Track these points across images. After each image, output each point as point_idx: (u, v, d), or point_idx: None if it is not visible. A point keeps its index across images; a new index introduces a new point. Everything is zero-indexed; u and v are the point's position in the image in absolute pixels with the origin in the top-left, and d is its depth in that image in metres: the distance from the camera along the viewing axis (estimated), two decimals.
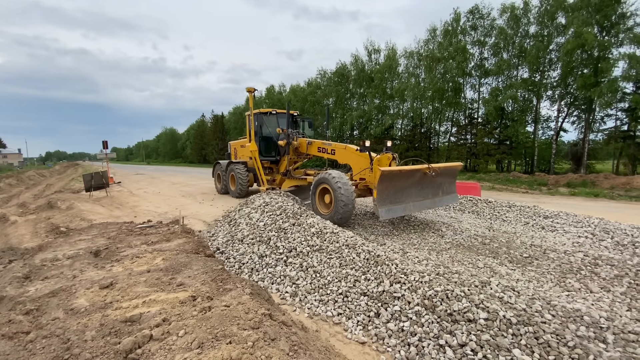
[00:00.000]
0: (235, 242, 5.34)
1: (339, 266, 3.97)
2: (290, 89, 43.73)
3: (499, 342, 2.55)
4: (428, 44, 27.97)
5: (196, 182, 19.55)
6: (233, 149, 13.08)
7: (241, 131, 52.72)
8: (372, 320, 3.13)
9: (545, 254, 4.87)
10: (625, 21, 19.22)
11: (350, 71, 33.88)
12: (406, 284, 3.34)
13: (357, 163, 7.10)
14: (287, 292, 3.86)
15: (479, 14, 24.97)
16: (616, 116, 20.85)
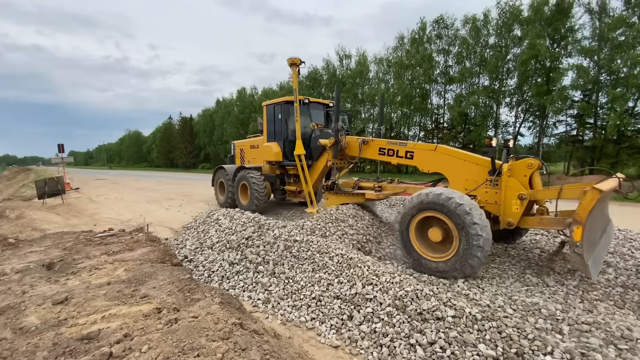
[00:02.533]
0: (205, 249, 5.15)
1: (311, 271, 3.95)
2: (262, 91, 43.31)
3: (466, 338, 2.64)
4: (397, 51, 28.93)
5: (163, 187, 18.74)
6: (239, 150, 10.27)
7: (211, 134, 51.39)
8: (345, 323, 3.13)
9: (506, 251, 5.14)
10: (573, 34, 21.00)
11: (322, 75, 34.20)
12: (378, 285, 3.38)
13: (459, 172, 4.90)
14: (259, 300, 3.77)
15: (444, 24, 26.22)
16: (566, 122, 22.66)
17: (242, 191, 8.70)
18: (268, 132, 8.58)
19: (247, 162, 9.60)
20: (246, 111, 44.04)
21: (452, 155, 5.04)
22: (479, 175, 4.66)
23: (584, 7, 20.42)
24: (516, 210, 4.20)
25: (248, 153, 9.73)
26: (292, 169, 8.04)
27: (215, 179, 10.17)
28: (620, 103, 18.02)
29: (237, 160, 10.28)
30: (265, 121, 8.65)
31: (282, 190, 8.67)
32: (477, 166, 4.71)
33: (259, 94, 44.52)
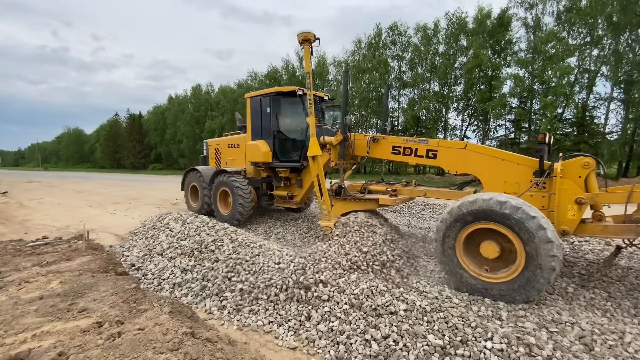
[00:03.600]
0: (154, 256, 4.85)
1: (265, 272, 3.89)
2: (219, 89, 41.88)
3: (416, 330, 2.78)
4: (354, 55, 29.69)
5: (108, 189, 17.31)
6: (214, 150, 8.85)
7: (163, 132, 48.54)
8: (303, 324, 3.13)
9: None
10: (511, 46, 23.16)
11: (282, 75, 34.01)
12: (334, 285, 3.43)
13: (496, 174, 4.34)
14: (214, 306, 3.64)
15: (398, 31, 27.44)
16: (505, 126, 24.94)
17: (221, 198, 7.50)
18: (253, 129, 7.33)
19: (224, 164, 8.45)
20: (201, 109, 42.29)
21: (486, 154, 4.44)
22: (522, 177, 4.11)
23: (521, 21, 22.64)
24: (572, 216, 3.68)
25: (225, 153, 8.47)
26: (284, 171, 6.98)
27: (186, 183, 8.74)
28: (550, 110, 20.23)
29: (212, 161, 8.93)
30: (249, 116, 7.41)
31: (269, 195, 7.49)
32: (519, 166, 4.16)
33: (216, 92, 43.01)
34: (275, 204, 7.60)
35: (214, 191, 7.57)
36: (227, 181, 7.18)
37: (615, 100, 21.07)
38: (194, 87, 45.82)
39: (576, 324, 2.95)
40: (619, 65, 19.38)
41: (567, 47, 20.55)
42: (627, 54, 19.33)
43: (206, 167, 8.51)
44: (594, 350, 2.58)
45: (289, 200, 7.22)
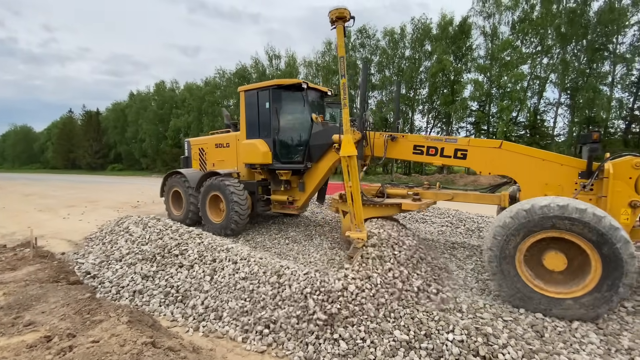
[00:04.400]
0: (112, 262, 4.56)
1: (232, 276, 3.80)
2: (185, 86, 40.26)
3: (383, 327, 2.84)
4: (324, 55, 29.84)
5: (60, 192, 16.05)
6: (197, 149, 7.98)
7: (123, 131, 45.80)
8: (270, 327, 3.09)
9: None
10: (471, 53, 24.45)
11: (251, 74, 33.43)
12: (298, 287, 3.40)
13: (536, 175, 4.05)
14: (179, 313, 3.49)
15: (367, 34, 27.96)
16: (466, 128, 26.28)
17: (212, 205, 6.64)
18: (249, 127, 6.56)
19: (210, 166, 7.63)
20: (166, 107, 40.46)
21: (525, 154, 4.13)
22: (565, 179, 3.88)
23: (480, 30, 23.96)
24: (626, 220, 3.47)
25: (212, 154, 7.62)
26: (285, 173, 6.31)
27: (166, 188, 7.72)
28: (506, 113, 21.62)
29: (195, 163, 8.07)
30: (243, 112, 6.65)
31: (265, 200, 6.76)
32: (563, 167, 3.90)
33: (181, 89, 41.36)
34: (273, 210, 6.87)
35: (202, 197, 6.66)
36: (219, 185, 6.35)
37: (562, 105, 22.96)
38: (158, 83, 43.67)
39: (530, 313, 3.17)
40: (565, 72, 21.13)
41: (521, 55, 22.08)
42: (573, 63, 21.12)
43: (191, 170, 7.68)
44: (545, 337, 2.78)
45: (289, 205, 6.53)
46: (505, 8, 22.85)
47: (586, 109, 20.67)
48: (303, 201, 6.47)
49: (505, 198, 4.39)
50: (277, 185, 6.60)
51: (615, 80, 20.65)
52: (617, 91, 20.92)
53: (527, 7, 22.24)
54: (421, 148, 4.81)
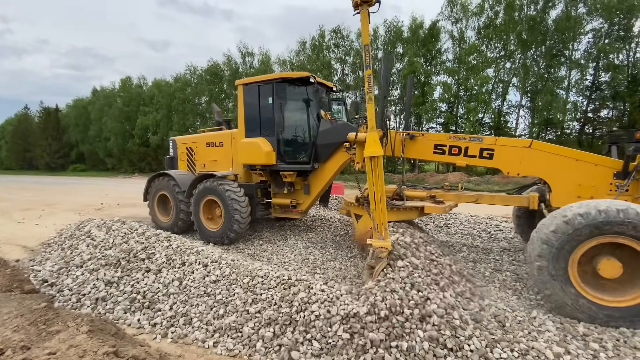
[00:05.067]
0: (72, 269, 4.29)
1: (203, 279, 3.71)
2: (153, 82, 38.61)
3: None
4: (299, 55, 29.77)
5: (15, 194, 14.89)
6: (185, 149, 7.34)
7: (86, 129, 43.20)
8: (241, 330, 3.04)
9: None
10: (441, 56, 25.34)
11: (224, 71, 32.69)
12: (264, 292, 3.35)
13: (569, 176, 3.92)
14: (145, 320, 3.35)
15: (341, 35, 28.20)
16: (436, 129, 27.20)
17: (206, 211, 6.09)
18: (248, 124, 6.06)
19: (199, 167, 7.05)
20: (132, 104, 38.64)
21: (557, 154, 3.98)
22: (599, 179, 3.77)
23: (448, 34, 24.89)
24: None
25: (203, 154, 6.99)
26: (290, 175, 5.86)
27: (151, 192, 7.02)
28: (473, 114, 22.64)
29: (181, 163, 7.44)
30: (241, 108, 6.14)
31: (265, 204, 6.26)
32: (597, 167, 3.78)
33: (149, 85, 39.65)
34: (273, 215, 6.43)
35: (195, 202, 6.06)
36: (215, 189, 5.76)
37: (523, 107, 24.38)
38: (124, 79, 41.56)
39: (493, 305, 3.33)
40: (526, 77, 22.44)
41: (486, 59, 23.20)
42: (532, 67, 22.48)
43: (180, 172, 7.03)
44: (506, 326, 2.94)
45: (292, 209, 6.10)
46: (471, 14, 23.89)
47: (545, 111, 22.05)
48: (308, 204, 6.07)
49: (534, 200, 4.16)
50: (279, 188, 6.13)
51: (571, 84, 22.23)
52: (572, 95, 22.54)
53: (492, 13, 23.38)
54: (443, 147, 4.55)
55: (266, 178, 6.28)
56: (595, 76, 21.54)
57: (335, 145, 5.46)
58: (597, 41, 20.58)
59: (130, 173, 35.79)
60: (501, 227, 6.67)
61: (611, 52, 20.10)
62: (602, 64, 20.88)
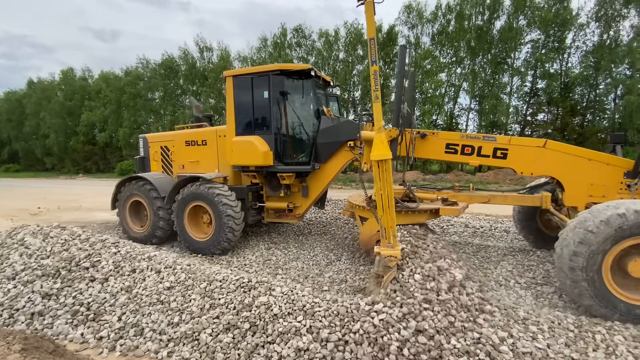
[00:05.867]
0: (3, 281, 3.82)
1: (155, 287, 3.51)
2: (100, 75, 35.59)
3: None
4: (260, 52, 29.26)
5: None
6: (159, 148, 6.70)
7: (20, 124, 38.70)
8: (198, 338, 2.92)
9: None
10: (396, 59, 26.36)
11: (180, 65, 31.12)
12: (222, 296, 3.26)
13: (581, 175, 3.98)
14: (90, 333, 3.09)
15: (303, 34, 28.19)
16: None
17: (192, 218, 5.52)
18: (240, 121, 5.54)
19: (177, 168, 6.42)
20: (76, 98, 35.40)
21: (571, 154, 4.03)
22: (610, 178, 3.86)
23: (405, 38, 25.95)
24: None
25: (181, 153, 6.36)
26: (289, 177, 5.38)
27: (121, 199, 6.22)
28: (427, 116, 23.86)
29: (155, 164, 6.75)
30: (231, 102, 5.54)
31: (257, 209, 5.81)
32: (609, 167, 3.87)
33: (95, 78, 36.58)
34: (266, 220, 6.00)
35: (179, 208, 5.47)
36: (204, 194, 5.19)
37: (472, 110, 26.17)
38: (65, 70, 37.80)
39: None
40: (474, 82, 24.13)
41: (439, 64, 24.55)
42: (480, 73, 24.22)
43: (156, 175, 6.29)
44: None
45: (288, 213, 5.70)
46: (426, 20, 25.12)
47: (491, 114, 23.86)
48: (305, 208, 5.72)
49: (547, 199, 4.22)
50: (274, 191, 5.66)
51: (513, 90, 24.31)
52: (514, 99, 24.65)
53: (444, 21, 24.78)
54: (455, 147, 4.44)
55: (259, 180, 5.76)
56: (533, 83, 23.77)
57: (337, 144, 5.18)
58: (535, 51, 22.69)
59: (74, 173, 32.79)
60: (452, 222, 7.09)
61: (547, 61, 22.27)
62: (539, 72, 23.08)
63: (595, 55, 21.00)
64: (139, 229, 6.15)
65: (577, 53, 22.53)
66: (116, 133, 32.38)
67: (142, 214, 6.21)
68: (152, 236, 5.91)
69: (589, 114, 22.71)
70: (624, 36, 20.92)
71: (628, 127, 20.00)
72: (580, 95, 22.95)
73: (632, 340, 2.76)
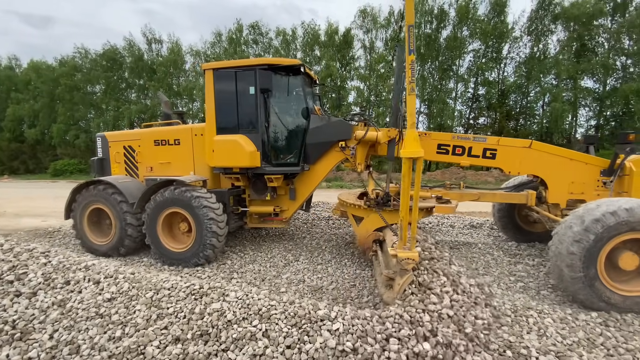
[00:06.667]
0: None
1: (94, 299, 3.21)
2: (30, 64, 31.73)
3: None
4: (214, 47, 28.22)
5: None
6: (122, 148, 6.02)
7: None
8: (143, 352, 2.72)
9: None
10: (354, 62, 27.04)
11: (125, 57, 28.84)
12: (171, 305, 3.10)
13: (563, 174, 4.23)
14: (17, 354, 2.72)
15: (259, 31, 27.72)
16: None
17: (166, 227, 5.03)
18: (222, 118, 5.11)
19: (145, 170, 5.83)
20: (1, 89, 31.22)
21: (555, 154, 4.27)
22: (589, 177, 4.15)
23: (360, 42, 26.72)
24: None
25: (149, 154, 5.78)
26: (277, 179, 5.11)
27: (77, 206, 5.48)
28: (381, 118, 24.81)
29: (117, 166, 6.05)
30: (211, 98, 5.11)
31: (240, 214, 5.48)
32: (587, 166, 4.16)
33: (24, 67, 32.55)
34: (248, 225, 5.65)
35: (151, 216, 4.93)
36: (183, 199, 4.74)
37: (422, 113, 27.75)
38: None
39: None
40: (424, 87, 25.61)
41: (392, 68, 25.63)
42: (429, 79, 25.75)
43: (121, 178, 5.61)
44: None
45: (274, 217, 5.43)
46: (380, 26, 26.11)
47: (438, 117, 25.51)
48: (293, 211, 5.49)
49: (532, 197, 4.53)
50: (259, 194, 5.34)
51: (457, 95, 26.21)
52: (459, 104, 26.61)
53: (397, 27, 25.94)
54: (446, 147, 4.52)
55: (243, 183, 5.42)
56: (475, 89, 25.86)
57: (328, 144, 5.03)
58: (477, 60, 24.72)
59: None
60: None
61: (486, 70, 24.40)
62: (480, 80, 25.16)
63: (527, 65, 23.47)
64: (101, 240, 5.47)
65: (512, 63, 25.01)
66: (49, 129, 29.16)
67: (103, 224, 5.58)
68: (119, 246, 5.31)
69: (521, 119, 25.31)
70: (551, 49, 23.67)
71: (553, 130, 22.65)
72: (515, 102, 25.48)
73: (560, 322, 3.08)
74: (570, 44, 22.60)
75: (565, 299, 3.70)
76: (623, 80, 21.79)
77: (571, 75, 21.83)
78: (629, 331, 2.99)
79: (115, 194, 5.21)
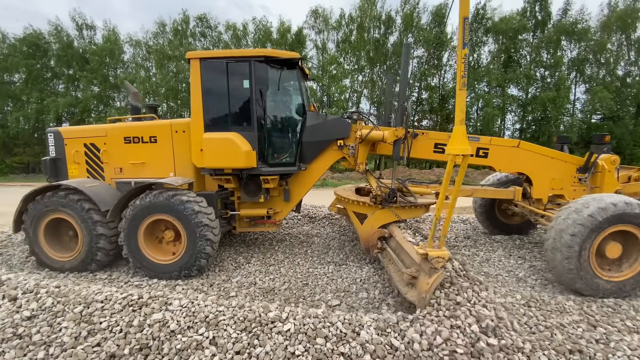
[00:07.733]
0: None
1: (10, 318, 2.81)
2: None
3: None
4: (157, 37, 26.32)
5: None
6: (82, 146, 5.15)
7: None
8: None
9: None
10: (306, 62, 27.14)
11: (51, 43, 25.57)
12: (104, 319, 2.88)
13: (546, 171, 4.62)
14: None
15: (208, 24, 26.45)
16: None
17: (148, 237, 4.43)
18: (211, 114, 4.67)
19: (113, 172, 5.11)
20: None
21: (538, 153, 4.65)
22: (567, 173, 4.62)
23: (313, 42, 26.89)
24: None
25: (119, 153, 5.06)
26: (273, 180, 4.79)
27: (29, 217, 4.58)
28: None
29: (75, 168, 5.18)
30: (198, 92, 4.60)
31: (227, 218, 5.10)
32: (566, 164, 4.63)
33: None
34: (238, 230, 5.25)
35: (131, 226, 4.31)
36: (170, 204, 4.21)
37: (372, 115, 28.82)
38: None
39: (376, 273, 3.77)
40: (373, 89, 26.62)
41: (344, 70, 26.26)
42: (377, 82, 26.82)
43: (88, 182, 4.78)
44: None
45: (266, 220, 5.11)
46: (332, 27, 26.53)
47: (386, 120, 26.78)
48: (286, 213, 5.23)
49: (519, 192, 4.91)
50: (252, 196, 4.97)
51: None
52: None
53: (347, 30, 26.63)
54: (443, 147, 4.58)
55: (233, 185, 4.98)
56: (419, 94, 27.55)
57: (325, 143, 4.87)
58: (420, 66, 26.33)
59: None
60: None
61: (429, 75, 26.09)
62: (423, 85, 26.85)
63: None
64: (63, 256, 4.67)
65: (451, 70, 27.07)
66: None
67: (64, 237, 4.83)
68: (90, 261, 4.55)
69: None
70: (483, 59, 26.09)
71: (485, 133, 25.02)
72: (453, 106, 27.59)
73: None
74: (500, 55, 25.15)
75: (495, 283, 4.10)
76: (541, 89, 24.85)
77: (500, 84, 24.29)
78: (547, 310, 3.41)
79: (82, 201, 4.45)
